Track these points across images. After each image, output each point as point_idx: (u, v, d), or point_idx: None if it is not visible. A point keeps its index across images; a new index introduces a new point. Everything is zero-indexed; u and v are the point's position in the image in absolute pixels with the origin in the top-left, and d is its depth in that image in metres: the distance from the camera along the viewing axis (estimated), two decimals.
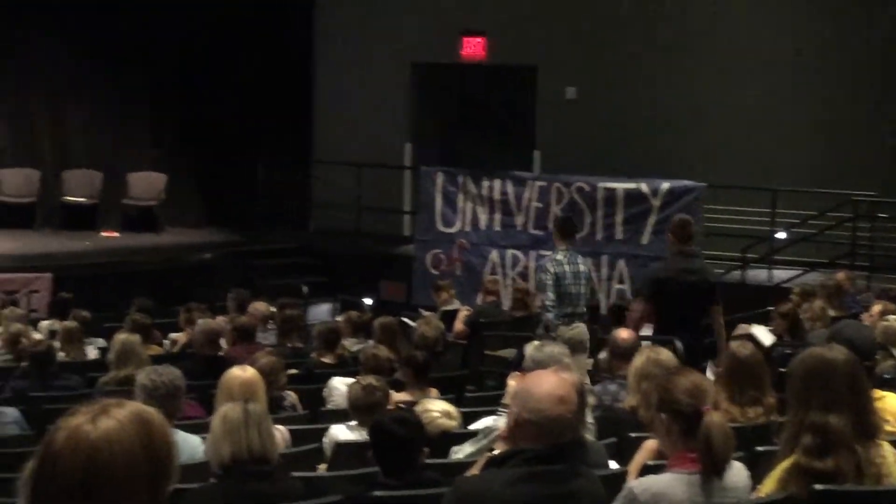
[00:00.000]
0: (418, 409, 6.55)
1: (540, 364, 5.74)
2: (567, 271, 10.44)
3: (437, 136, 19.27)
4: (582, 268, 10.61)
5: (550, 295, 10.39)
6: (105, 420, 2.28)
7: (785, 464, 4.21)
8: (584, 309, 10.65)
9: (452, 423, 6.59)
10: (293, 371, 9.18)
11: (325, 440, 6.57)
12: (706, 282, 9.69)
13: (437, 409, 6.64)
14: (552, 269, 10.42)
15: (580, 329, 6.20)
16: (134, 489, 2.26)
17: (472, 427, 6.58)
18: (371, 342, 10.20)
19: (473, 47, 18.85)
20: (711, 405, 4.29)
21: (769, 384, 6.33)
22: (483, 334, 11.90)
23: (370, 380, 6.79)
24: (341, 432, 6.55)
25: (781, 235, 15.64)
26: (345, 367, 9.49)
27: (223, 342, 10.11)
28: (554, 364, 5.57)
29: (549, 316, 10.32)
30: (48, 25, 18.55)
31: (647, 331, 10.42)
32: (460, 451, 6.04)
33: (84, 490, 2.22)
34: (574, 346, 7.72)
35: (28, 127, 19.00)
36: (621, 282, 15.04)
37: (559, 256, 10.57)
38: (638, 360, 6.55)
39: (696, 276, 9.64)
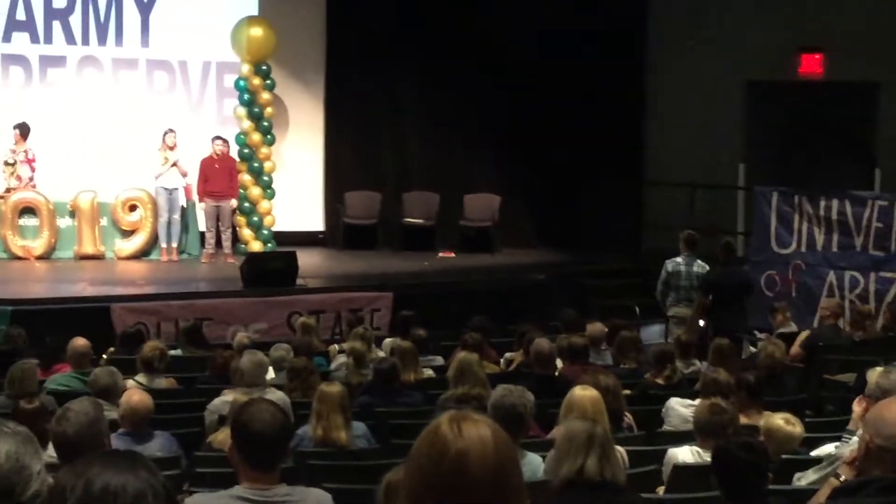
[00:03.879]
0: (761, 423, 6.50)
1: (887, 391, 5.58)
2: (683, 270, 13.36)
3: (772, 156, 18.85)
4: (696, 269, 13.35)
5: (659, 286, 13.51)
6: (487, 422, 2.48)
7: None
8: (692, 297, 13.27)
9: (795, 430, 6.49)
10: (627, 392, 9.22)
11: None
12: (746, 282, 13.62)
13: (778, 417, 6.58)
14: (670, 268, 13.43)
15: None
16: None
17: (814, 453, 6.46)
18: (704, 364, 10.15)
19: (811, 64, 18.39)
20: None
21: None
22: (822, 358, 11.61)
23: (718, 400, 6.76)
24: (682, 454, 6.54)
25: None
26: (678, 388, 9.45)
27: (558, 362, 10.24)
28: None
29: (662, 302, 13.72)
30: (389, 48, 19.23)
31: None
32: (804, 478, 5.94)
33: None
34: None
35: (372, 150, 19.75)
36: None
37: (679, 259, 13.43)
38: None
39: (738, 278, 13.41)
